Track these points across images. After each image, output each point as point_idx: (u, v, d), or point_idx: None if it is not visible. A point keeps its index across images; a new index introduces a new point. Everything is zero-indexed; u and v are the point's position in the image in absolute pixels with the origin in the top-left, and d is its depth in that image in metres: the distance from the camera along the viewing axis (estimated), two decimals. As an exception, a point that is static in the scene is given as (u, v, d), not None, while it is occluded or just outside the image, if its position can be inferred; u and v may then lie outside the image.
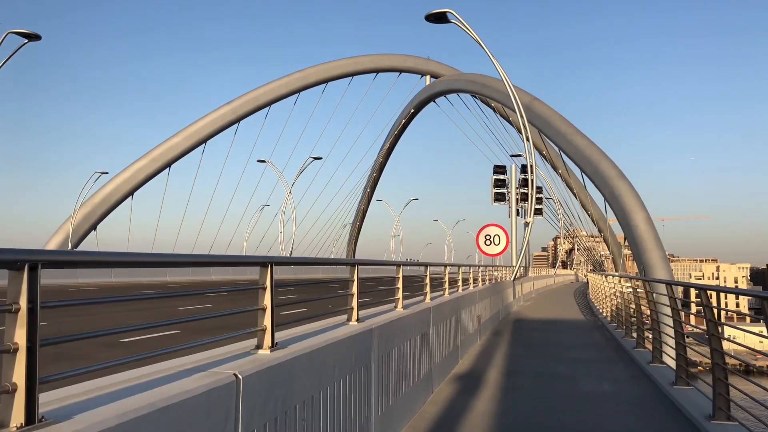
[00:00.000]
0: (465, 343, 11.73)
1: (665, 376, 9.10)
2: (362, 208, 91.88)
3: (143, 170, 56.28)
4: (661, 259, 35.63)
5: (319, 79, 64.61)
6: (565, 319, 20.44)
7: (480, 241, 23.15)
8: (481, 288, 15.17)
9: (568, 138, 45.47)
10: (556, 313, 23.27)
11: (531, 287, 33.04)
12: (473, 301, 13.08)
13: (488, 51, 23.17)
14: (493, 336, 15.02)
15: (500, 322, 18.47)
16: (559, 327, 18.19)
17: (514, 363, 11.15)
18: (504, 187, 31.09)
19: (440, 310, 9.34)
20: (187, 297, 20.42)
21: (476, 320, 13.34)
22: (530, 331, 16.93)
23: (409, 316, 7.30)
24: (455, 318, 10.68)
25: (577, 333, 16.65)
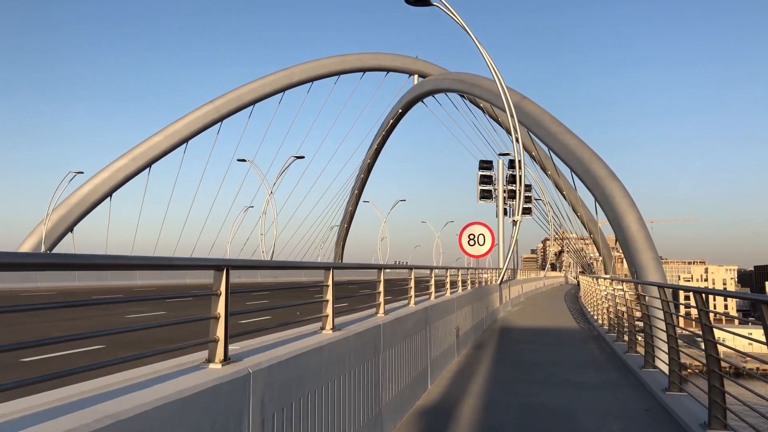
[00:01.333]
0: (437, 364, 9.80)
1: (691, 413, 7.24)
2: (350, 210, 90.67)
3: (122, 170, 54.71)
4: (653, 261, 34.71)
5: (304, 78, 63.39)
6: (556, 328, 18.64)
7: (463, 241, 21.15)
8: (460, 294, 13.35)
9: (558, 138, 44.56)
10: (547, 320, 21.60)
11: (519, 291, 31.77)
12: (449, 310, 11.31)
13: (475, 38, 21.94)
14: (475, 350, 13.20)
15: (484, 332, 16.71)
16: (550, 337, 16.28)
17: (496, 390, 9.24)
18: (490, 184, 29.01)
19: (399, 325, 7.27)
20: (143, 303, 19.07)
21: (453, 333, 11.60)
22: (517, 343, 15.01)
23: (339, 342, 5.08)
24: (423, 333, 8.84)
25: (571, 345, 14.72)
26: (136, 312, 17.63)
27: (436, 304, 10.05)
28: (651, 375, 9.61)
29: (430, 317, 9.41)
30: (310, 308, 6.99)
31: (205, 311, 3.59)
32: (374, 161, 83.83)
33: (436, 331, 9.82)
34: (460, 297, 12.83)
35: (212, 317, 3.53)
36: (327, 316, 5.27)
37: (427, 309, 9.17)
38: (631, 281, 13.65)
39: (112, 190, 54.43)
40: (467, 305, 13.86)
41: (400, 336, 7.37)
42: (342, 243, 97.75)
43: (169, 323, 3.45)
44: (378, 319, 6.68)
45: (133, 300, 3.79)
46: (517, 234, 22.82)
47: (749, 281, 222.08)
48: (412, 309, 8.39)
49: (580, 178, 41.50)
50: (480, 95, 55.67)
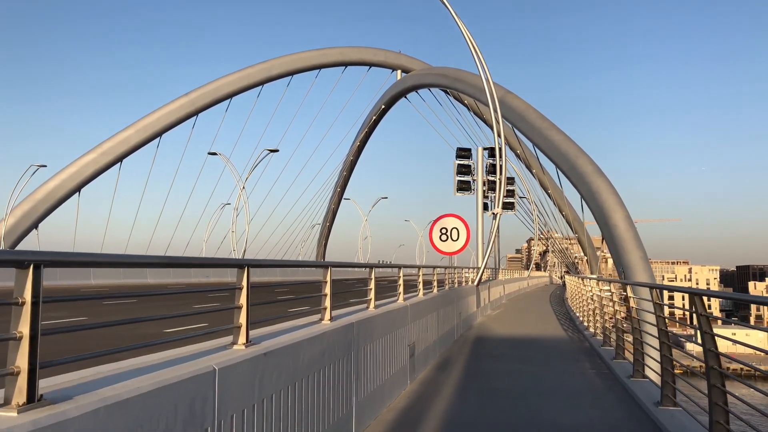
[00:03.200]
0: (370, 402, 7.04)
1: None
2: (332, 208, 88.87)
3: (91, 165, 52.29)
4: (641, 260, 33.29)
5: (283, 71, 61.37)
6: (541, 338, 16.00)
7: (434, 236, 18.12)
8: (420, 299, 10.54)
9: (543, 133, 43.09)
10: (531, 326, 19.03)
11: (501, 292, 29.98)
12: (398, 323, 8.54)
13: (459, 22, 20.17)
14: (437, 373, 10.30)
15: (455, 343, 14.08)
16: (533, 351, 13.49)
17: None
18: (469, 175, 26.08)
19: (283, 358, 4.55)
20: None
21: (406, 351, 8.93)
22: (493, 359, 12.00)
23: None
24: (344, 362, 6.08)
25: (560, 363, 11.84)
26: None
27: (371, 317, 7.15)
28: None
29: (360, 336, 6.61)
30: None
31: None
32: (357, 158, 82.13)
33: (371, 355, 7.10)
34: (417, 303, 10.08)
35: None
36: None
37: (354, 326, 6.38)
38: (625, 282, 11.78)
39: (80, 186, 52.03)
40: (430, 313, 11.24)
41: (288, 373, 4.62)
42: (324, 242, 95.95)
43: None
44: (256, 349, 4.27)
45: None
46: (497, 228, 20.10)
47: (731, 281, 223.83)
48: (322, 328, 5.65)
49: (566, 175, 40.08)
50: (463, 90, 54.19)
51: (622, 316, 11.67)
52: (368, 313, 7.32)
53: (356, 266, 9.76)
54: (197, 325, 10.75)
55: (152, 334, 9.96)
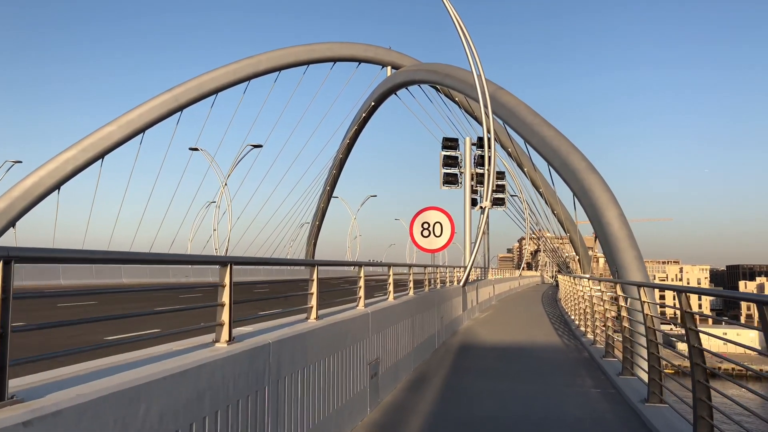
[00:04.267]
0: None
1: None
2: (321, 207, 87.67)
3: (72, 161, 50.83)
4: (635, 260, 32.32)
5: (270, 67, 60.10)
6: (534, 346, 14.21)
7: (415, 232, 16.14)
8: (387, 304, 8.62)
9: (534, 129, 42.07)
10: (522, 331, 17.29)
11: (490, 292, 28.74)
12: (354, 336, 6.78)
13: (453, 11, 18.94)
14: (407, 395, 8.45)
15: (434, 354, 12.19)
16: (526, 364, 11.59)
17: None
18: (456, 167, 24.22)
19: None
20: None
21: (364, 372, 7.14)
22: (479, 375, 10.11)
23: None
24: (256, 398, 4.38)
25: (557, 380, 10.04)
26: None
27: (301, 333, 5.20)
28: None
29: (281, 362, 4.77)
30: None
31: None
32: (347, 156, 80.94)
33: (305, 385, 5.32)
34: (382, 310, 8.15)
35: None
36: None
37: (268, 349, 4.54)
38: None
39: (59, 183, 50.57)
40: (402, 320, 9.42)
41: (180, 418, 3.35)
42: (314, 241, 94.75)
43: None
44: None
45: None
46: (485, 224, 18.37)
47: (721, 280, 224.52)
48: (215, 354, 3.88)
49: (558, 171, 39.08)
50: (454, 86, 53.14)
51: (613, 315, 11.51)
52: (300, 328, 5.33)
53: (295, 264, 9.55)
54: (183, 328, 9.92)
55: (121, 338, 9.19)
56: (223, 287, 4.17)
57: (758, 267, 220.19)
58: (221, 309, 4.17)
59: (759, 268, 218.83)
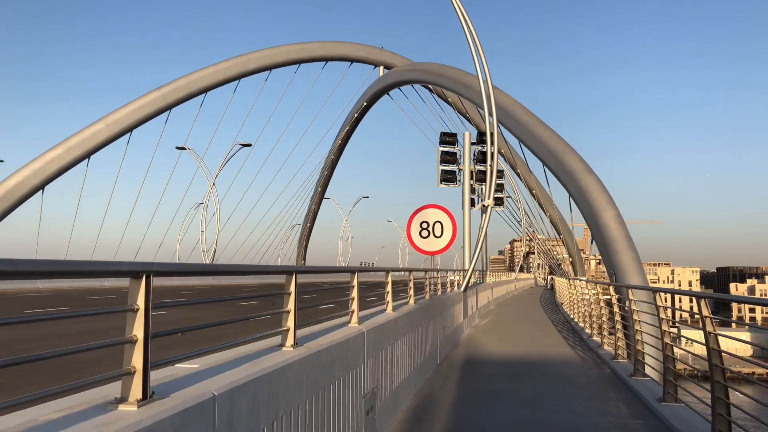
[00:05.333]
0: None
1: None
2: (313, 208, 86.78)
3: (56, 161, 49.62)
4: (633, 261, 31.67)
5: (261, 66, 59.15)
6: (547, 359, 12.62)
7: (412, 232, 14.68)
8: (386, 318, 7.17)
9: (529, 129, 41.43)
10: (529, 341, 15.81)
11: (489, 297, 27.87)
12: (345, 365, 5.29)
13: (459, 6, 17.97)
14: (411, 427, 7.21)
15: (436, 371, 10.83)
16: (543, 384, 9.86)
17: None
18: (454, 164, 22.56)
19: None
20: None
21: (358, 408, 5.70)
22: (491, 400, 8.51)
23: None
24: None
25: (583, 405, 8.39)
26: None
27: (261, 376, 3.52)
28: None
29: (233, 422, 3.17)
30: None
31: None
32: (338, 157, 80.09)
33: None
34: (381, 327, 6.67)
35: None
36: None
37: (206, 406, 2.90)
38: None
39: (44, 183, 49.33)
40: (403, 336, 8.05)
41: None
42: (305, 243, 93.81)
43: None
44: None
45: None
46: (487, 224, 16.89)
47: (711, 282, 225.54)
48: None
49: (553, 172, 38.42)
50: (447, 86, 52.44)
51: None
52: (267, 364, 3.73)
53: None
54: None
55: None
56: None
57: (748, 269, 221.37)
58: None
59: (749, 270, 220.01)
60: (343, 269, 6.21)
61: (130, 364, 2.66)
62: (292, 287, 4.38)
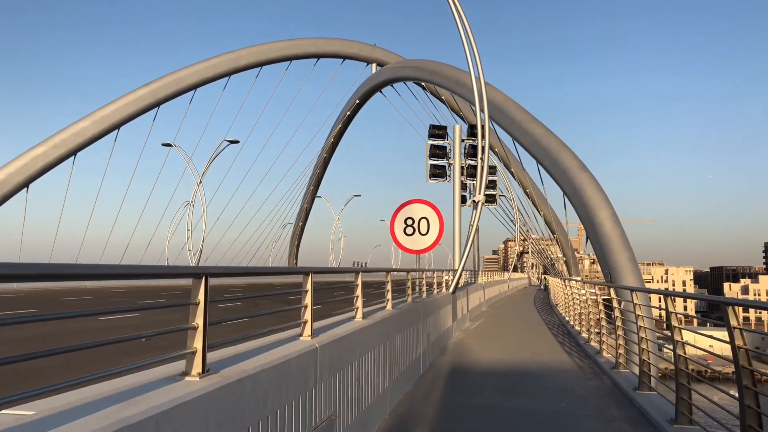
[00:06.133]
0: None
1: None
2: (305, 207, 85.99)
3: (41, 158, 48.63)
4: (629, 261, 31.04)
5: (252, 62, 58.29)
6: (543, 369, 11.69)
7: (396, 229, 13.55)
8: (350, 329, 6.12)
9: (523, 126, 40.83)
10: (523, 347, 14.79)
11: (481, 298, 27.04)
12: (283, 396, 4.20)
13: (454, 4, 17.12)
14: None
15: (419, 382, 9.84)
16: (539, 400, 8.84)
17: None
18: (444, 158, 21.18)
19: None
20: None
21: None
22: (476, 422, 7.45)
23: None
24: None
25: (588, 426, 7.47)
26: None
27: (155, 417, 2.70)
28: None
29: None
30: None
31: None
32: (331, 155, 79.30)
33: None
34: (342, 339, 5.65)
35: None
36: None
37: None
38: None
39: (28, 181, 48.35)
40: (374, 347, 6.93)
41: None
42: (297, 242, 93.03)
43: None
44: None
45: None
46: (478, 220, 15.79)
47: (705, 282, 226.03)
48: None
49: (547, 170, 37.80)
50: (440, 83, 51.81)
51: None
52: (163, 399, 2.89)
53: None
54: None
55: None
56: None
57: (741, 269, 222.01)
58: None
59: (742, 269, 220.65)
60: (298, 270, 5.24)
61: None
62: (201, 297, 3.52)
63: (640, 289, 10.73)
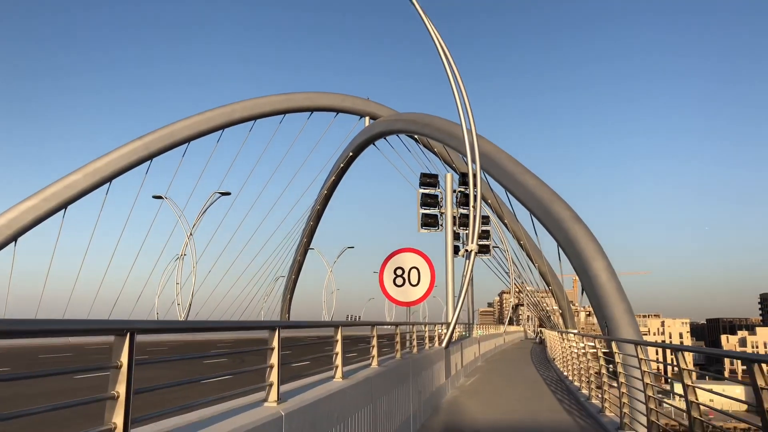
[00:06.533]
0: None
1: None
2: (298, 259, 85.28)
3: (31, 211, 48.18)
4: (626, 313, 30.45)
5: (245, 116, 58.89)
6: (539, 429, 11.09)
7: (386, 280, 12.87)
8: (325, 391, 5.33)
9: (516, 178, 40.93)
10: (519, 404, 13.90)
11: (476, 352, 26.22)
12: None
13: (442, 52, 17.20)
14: None
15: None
16: None
17: None
18: (436, 207, 20.36)
19: None
20: None
21: None
22: None
23: None
24: None
25: None
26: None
27: None
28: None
29: None
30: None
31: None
32: (324, 207, 79.23)
33: None
34: (315, 404, 4.88)
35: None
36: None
37: None
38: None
39: (17, 234, 47.75)
40: (356, 411, 6.19)
41: None
42: (289, 296, 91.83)
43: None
44: None
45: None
46: (471, 270, 15.17)
47: (702, 334, 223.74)
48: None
49: (541, 221, 37.62)
50: (432, 135, 52.30)
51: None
52: None
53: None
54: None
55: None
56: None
57: (737, 320, 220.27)
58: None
59: (738, 321, 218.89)
60: (262, 324, 4.77)
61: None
62: (124, 359, 2.81)
63: (645, 343, 10.17)
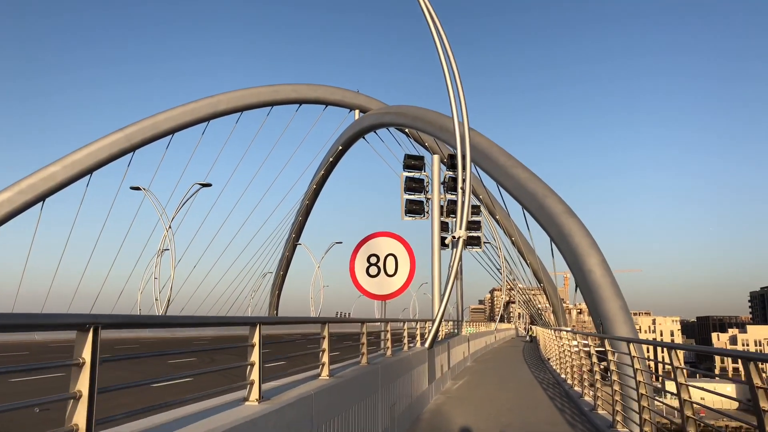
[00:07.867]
0: None
1: None
2: (286, 255, 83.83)
3: (6, 204, 46.55)
4: (621, 310, 29.28)
5: (231, 107, 57.32)
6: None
7: (357, 269, 10.87)
8: (231, 423, 3.64)
9: (508, 171, 39.71)
10: (513, 413, 12.23)
11: (465, 351, 24.79)
12: None
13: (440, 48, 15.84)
14: None
15: None
16: None
17: None
18: (422, 191, 18.09)
19: None
20: None
21: None
22: None
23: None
24: None
25: None
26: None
27: None
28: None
29: None
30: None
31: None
32: (313, 202, 77.81)
33: None
34: None
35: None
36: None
37: None
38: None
39: (-8, 227, 46.10)
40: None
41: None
42: (278, 292, 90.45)
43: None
44: None
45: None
46: (459, 259, 13.07)
47: (692, 332, 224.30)
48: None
49: (533, 215, 36.43)
50: (423, 128, 51.03)
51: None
52: None
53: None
54: None
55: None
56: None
57: (727, 318, 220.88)
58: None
59: (728, 319, 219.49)
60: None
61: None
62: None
63: (638, 340, 9.39)
